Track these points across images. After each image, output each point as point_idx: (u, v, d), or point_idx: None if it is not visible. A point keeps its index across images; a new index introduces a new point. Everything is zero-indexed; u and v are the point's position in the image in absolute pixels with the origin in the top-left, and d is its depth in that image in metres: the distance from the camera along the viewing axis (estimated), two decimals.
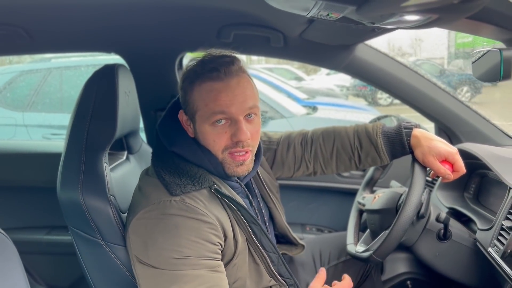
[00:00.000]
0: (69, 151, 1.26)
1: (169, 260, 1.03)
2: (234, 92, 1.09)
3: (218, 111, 1.08)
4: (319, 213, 2.23)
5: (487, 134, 1.83)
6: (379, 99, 9.45)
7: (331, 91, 8.90)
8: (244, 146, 1.12)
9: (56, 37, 1.75)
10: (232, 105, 1.08)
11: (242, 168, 1.15)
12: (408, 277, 1.77)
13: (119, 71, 1.31)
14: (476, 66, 1.07)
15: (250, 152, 1.16)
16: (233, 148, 1.12)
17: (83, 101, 1.27)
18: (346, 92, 9.93)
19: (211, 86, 1.09)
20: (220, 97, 1.08)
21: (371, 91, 9.52)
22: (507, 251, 1.20)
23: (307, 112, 4.65)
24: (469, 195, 1.67)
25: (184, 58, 1.96)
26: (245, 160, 1.15)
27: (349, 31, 1.39)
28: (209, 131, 1.11)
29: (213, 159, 1.15)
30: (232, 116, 1.09)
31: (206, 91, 1.10)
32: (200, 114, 1.11)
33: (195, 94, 1.12)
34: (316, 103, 5.28)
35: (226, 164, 1.14)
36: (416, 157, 1.36)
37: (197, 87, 1.11)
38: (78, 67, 4.38)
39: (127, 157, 1.55)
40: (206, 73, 1.10)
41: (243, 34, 1.63)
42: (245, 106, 1.10)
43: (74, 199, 1.19)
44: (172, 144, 1.17)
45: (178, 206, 1.06)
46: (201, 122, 1.12)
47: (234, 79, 1.10)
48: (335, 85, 9.66)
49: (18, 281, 0.88)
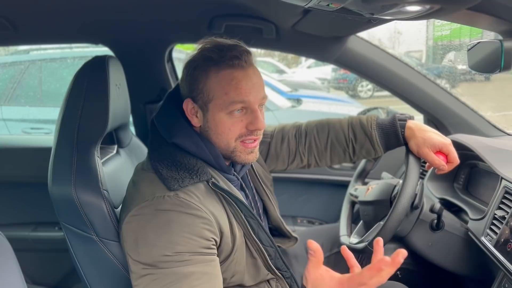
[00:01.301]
0: (60, 145, 1.22)
1: (161, 257, 1.00)
2: (253, 81, 1.09)
3: (238, 100, 1.08)
4: (310, 205, 2.24)
5: (475, 125, 1.86)
6: (360, 92, 9.55)
7: (313, 83, 8.94)
8: (257, 134, 1.14)
9: (41, 28, 1.70)
10: (250, 94, 1.08)
11: (253, 156, 1.16)
12: (398, 267, 1.79)
13: (110, 63, 1.27)
14: (472, 57, 1.07)
15: (258, 140, 1.16)
16: (248, 136, 1.12)
17: (73, 93, 1.24)
18: (327, 84, 9.99)
19: (231, 74, 1.08)
20: (241, 86, 1.07)
21: (351, 84, 9.61)
22: (501, 240, 1.22)
23: (292, 105, 4.65)
24: (458, 186, 1.70)
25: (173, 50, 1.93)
26: (255, 147, 1.16)
27: (344, 22, 1.38)
28: (225, 119, 1.10)
29: (214, 150, 1.13)
30: (250, 105, 1.09)
31: (226, 79, 1.08)
32: (217, 103, 1.09)
33: (211, 82, 1.09)
34: (300, 96, 5.28)
35: (237, 152, 1.14)
36: (411, 149, 1.37)
37: (214, 74, 1.09)
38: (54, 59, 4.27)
39: (117, 151, 1.52)
40: (226, 60, 1.08)
41: (235, 25, 1.61)
42: (261, 96, 1.12)
43: (66, 195, 1.16)
44: (172, 135, 1.14)
45: (172, 201, 1.04)
46: (217, 111, 1.10)
47: (252, 68, 1.11)
48: (317, 78, 9.70)
49: (15, 281, 0.85)
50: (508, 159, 1.42)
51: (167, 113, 1.18)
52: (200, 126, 1.15)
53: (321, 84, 9.52)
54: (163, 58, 1.86)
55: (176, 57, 2.05)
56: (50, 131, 3.70)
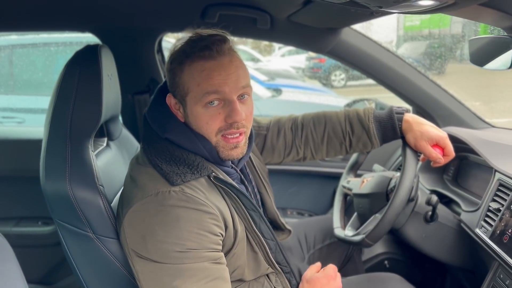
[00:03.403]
0: (52, 139, 1.17)
1: (171, 253, 0.99)
2: (226, 71, 1.05)
3: (211, 91, 1.04)
4: (299, 197, 2.24)
5: (462, 118, 1.89)
6: (333, 81, 9.62)
7: (288, 72, 8.93)
8: (238, 127, 1.09)
9: (24, 15, 1.60)
10: (225, 84, 1.04)
11: (237, 151, 1.12)
12: (386, 257, 1.83)
13: (102, 52, 1.22)
14: (477, 52, 1.08)
15: (244, 134, 1.12)
16: (227, 130, 1.08)
17: (65, 84, 1.18)
18: (302, 73, 10.01)
19: (203, 65, 1.04)
20: (213, 76, 1.04)
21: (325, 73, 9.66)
22: (496, 232, 1.25)
23: (272, 95, 4.62)
24: (448, 177, 1.73)
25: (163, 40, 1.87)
26: (239, 142, 1.11)
27: (343, 14, 1.37)
28: (201, 113, 1.07)
29: (207, 144, 1.10)
30: (226, 96, 1.05)
31: (197, 71, 1.05)
32: (192, 96, 1.06)
33: (185, 75, 1.06)
34: (278, 85, 5.26)
35: (220, 147, 1.10)
36: (408, 142, 1.38)
37: (188, 67, 1.06)
38: (25, 45, 4.09)
39: (108, 144, 1.47)
40: (197, 52, 1.05)
41: (229, 15, 1.57)
42: (239, 85, 1.07)
43: (61, 191, 1.11)
44: (165, 130, 1.11)
45: (178, 197, 1.02)
46: (193, 104, 1.07)
47: (226, 58, 1.06)
48: (291, 67, 9.70)
49: (16, 282, 0.81)
50: (500, 152, 1.45)
51: (157, 108, 1.15)
52: (185, 121, 1.12)
53: (295, 73, 9.53)
54: (153, 47, 1.80)
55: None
56: (23, 120, 3.58)
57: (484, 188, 1.41)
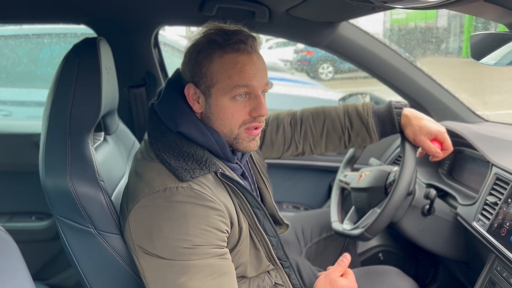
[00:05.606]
0: (51, 134, 1.15)
1: (178, 249, 0.98)
2: (256, 66, 1.08)
3: (241, 84, 1.05)
4: (295, 190, 2.25)
5: (456, 112, 1.91)
6: (321, 74, 9.63)
7: (276, 65, 8.89)
8: (261, 121, 1.12)
9: (17, 6, 1.56)
10: (254, 79, 1.06)
11: (254, 144, 1.14)
12: (380, 249, 1.85)
13: (101, 45, 1.20)
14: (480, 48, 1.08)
15: (260, 128, 1.14)
16: (251, 123, 1.10)
17: (63, 78, 1.16)
18: (290, 66, 10.00)
19: (236, 58, 1.06)
20: (245, 70, 1.05)
21: (312, 66, 9.67)
22: (494, 225, 1.27)
23: None
24: (443, 171, 1.75)
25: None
26: (258, 135, 1.14)
27: (344, 8, 1.36)
28: (228, 105, 1.08)
29: (220, 139, 1.10)
30: (253, 91, 1.07)
31: (230, 63, 1.05)
32: (219, 87, 1.06)
33: (215, 66, 1.06)
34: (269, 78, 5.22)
35: (240, 139, 1.11)
36: (407, 136, 1.39)
37: (218, 58, 1.06)
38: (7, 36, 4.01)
39: (105, 138, 1.45)
40: (231, 44, 1.06)
41: (227, 8, 1.55)
42: (264, 81, 1.10)
43: (62, 187, 1.09)
44: (178, 124, 1.10)
45: (186, 193, 1.01)
46: (219, 95, 1.07)
47: (256, 54, 1.10)
48: (279, 59, 9.67)
49: (22, 280, 0.80)
50: (496, 147, 1.47)
51: (169, 101, 1.13)
52: (201, 113, 1.12)
53: (284, 66, 9.51)
54: (149, 40, 1.77)
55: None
56: (9, 112, 3.50)
57: (480, 182, 1.43)
